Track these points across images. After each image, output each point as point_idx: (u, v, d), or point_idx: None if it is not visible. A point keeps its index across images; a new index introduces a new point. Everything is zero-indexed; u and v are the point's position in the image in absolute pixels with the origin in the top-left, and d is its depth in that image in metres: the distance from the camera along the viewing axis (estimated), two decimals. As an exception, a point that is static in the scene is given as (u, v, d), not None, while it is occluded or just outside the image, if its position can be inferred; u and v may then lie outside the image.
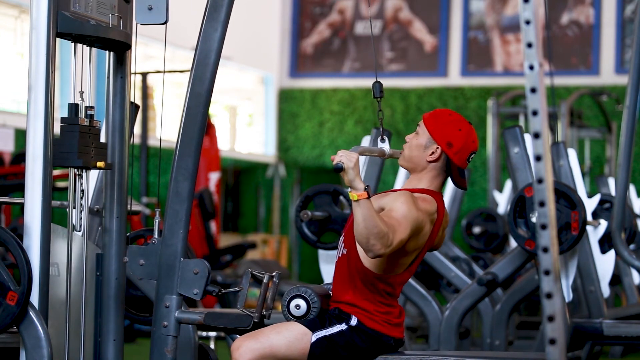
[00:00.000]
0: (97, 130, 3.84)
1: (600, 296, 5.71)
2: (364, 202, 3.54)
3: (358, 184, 3.56)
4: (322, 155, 13.65)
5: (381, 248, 3.55)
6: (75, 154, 3.73)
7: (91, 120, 3.81)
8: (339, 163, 3.57)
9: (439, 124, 3.82)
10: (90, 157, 3.79)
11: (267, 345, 3.67)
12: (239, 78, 13.67)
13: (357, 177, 3.57)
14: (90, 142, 3.79)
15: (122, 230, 4.03)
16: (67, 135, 3.75)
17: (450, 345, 5.44)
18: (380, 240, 3.54)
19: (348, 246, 3.79)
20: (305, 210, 5.25)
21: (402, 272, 3.78)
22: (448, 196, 8.16)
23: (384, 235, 3.54)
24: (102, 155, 3.85)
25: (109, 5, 3.89)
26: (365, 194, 3.55)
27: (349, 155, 3.59)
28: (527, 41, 2.81)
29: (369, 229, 3.53)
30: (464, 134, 3.82)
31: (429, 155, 3.82)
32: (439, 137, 3.80)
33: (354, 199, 3.55)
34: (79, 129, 3.75)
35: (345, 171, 3.57)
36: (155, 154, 9.93)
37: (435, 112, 3.88)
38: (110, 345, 4.00)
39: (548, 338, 2.77)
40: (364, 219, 3.53)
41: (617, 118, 11.40)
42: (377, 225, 3.53)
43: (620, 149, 4.87)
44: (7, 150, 8.91)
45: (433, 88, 13.22)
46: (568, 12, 12.81)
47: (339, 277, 3.81)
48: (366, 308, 3.75)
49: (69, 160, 3.75)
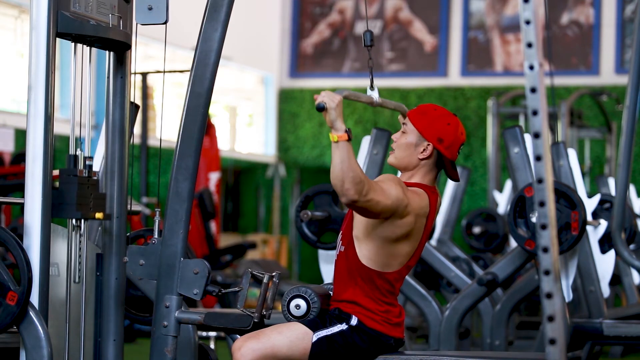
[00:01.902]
0: (95, 181, 3.82)
1: (600, 296, 5.70)
2: (343, 145, 3.53)
3: (339, 125, 3.55)
4: (322, 155, 13.65)
5: (355, 194, 3.52)
6: (74, 206, 3.72)
7: (90, 171, 3.80)
8: (321, 103, 3.55)
9: (427, 120, 3.80)
10: (89, 209, 3.77)
11: (268, 345, 3.67)
12: (239, 78, 13.67)
13: (339, 118, 3.55)
14: (89, 192, 3.77)
15: (122, 230, 4.03)
16: (65, 186, 3.73)
17: (450, 345, 5.44)
18: (355, 185, 3.52)
19: (346, 243, 3.79)
20: (305, 210, 5.25)
21: (400, 268, 3.78)
22: (448, 196, 8.17)
23: (360, 181, 3.52)
24: (101, 206, 3.83)
25: (109, 5, 3.89)
26: (345, 135, 3.54)
27: (332, 95, 3.56)
28: (527, 41, 2.81)
29: (345, 172, 3.52)
30: (453, 127, 3.81)
31: (420, 153, 3.80)
32: (429, 134, 3.79)
33: (334, 140, 3.53)
34: (78, 180, 3.73)
35: (327, 111, 3.55)
36: (155, 154, 9.93)
37: (420, 108, 3.86)
38: (110, 345, 4.00)
39: (548, 338, 2.77)
40: (342, 161, 3.52)
41: (617, 118, 11.39)
42: (354, 169, 3.52)
43: (620, 149, 4.87)
44: (7, 150, 8.91)
45: (433, 88, 13.22)
46: (568, 12, 12.82)
47: (338, 274, 3.81)
48: (366, 306, 3.75)
49: (67, 212, 3.73)
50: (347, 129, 3.55)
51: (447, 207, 8.12)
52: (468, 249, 8.81)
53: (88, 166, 3.80)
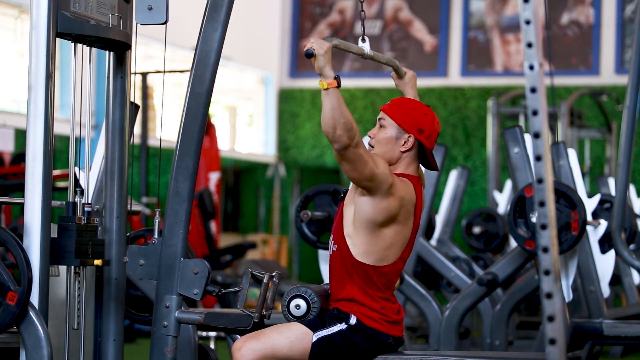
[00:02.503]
0: (94, 227, 3.82)
1: (600, 296, 5.70)
2: (333, 92, 3.54)
3: (328, 72, 3.54)
4: (322, 155, 13.65)
5: (347, 140, 3.53)
6: (73, 254, 3.73)
7: (88, 218, 3.80)
8: (309, 49, 3.53)
9: (404, 112, 3.81)
10: (88, 256, 3.77)
11: (268, 345, 3.67)
12: (239, 78, 13.67)
13: (328, 65, 3.54)
14: (88, 240, 3.78)
15: (122, 230, 4.03)
16: (64, 233, 3.74)
17: (450, 345, 5.44)
18: (348, 132, 3.52)
19: (338, 242, 3.79)
20: (305, 210, 5.25)
21: (394, 260, 3.78)
22: (448, 196, 8.17)
23: (352, 128, 3.53)
24: (100, 252, 3.83)
25: (109, 5, 3.89)
26: (334, 82, 3.54)
27: (321, 42, 3.55)
28: (527, 41, 2.81)
29: (336, 118, 3.53)
30: (430, 117, 3.83)
31: (402, 146, 3.80)
32: (409, 126, 3.80)
33: (324, 87, 3.53)
34: (76, 227, 3.74)
35: (316, 58, 3.54)
36: (155, 154, 9.93)
37: (394, 102, 3.86)
38: (110, 345, 4.00)
39: (548, 338, 2.77)
40: (332, 108, 3.53)
41: (617, 118, 11.39)
42: (346, 116, 3.53)
43: (620, 149, 4.87)
44: (7, 150, 8.91)
45: (433, 88, 13.22)
46: (568, 12, 12.82)
47: (334, 274, 3.81)
48: (365, 303, 3.74)
49: (66, 259, 3.73)
50: (336, 75, 3.55)
51: (447, 207, 8.11)
52: (468, 249, 8.81)
53: (87, 212, 3.81)
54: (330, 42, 3.58)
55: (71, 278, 3.84)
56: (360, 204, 3.69)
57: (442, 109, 13.13)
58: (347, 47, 3.85)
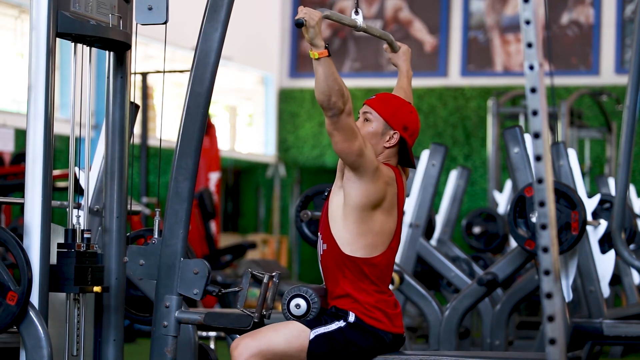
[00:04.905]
0: (93, 253, 3.82)
1: (600, 296, 5.70)
2: (325, 60, 3.56)
3: (318, 42, 3.56)
4: (322, 155, 13.64)
5: (341, 105, 3.57)
6: (72, 281, 3.73)
7: (88, 244, 3.80)
8: (300, 19, 3.55)
9: (392, 108, 3.82)
10: (88, 282, 3.77)
11: (264, 342, 3.67)
12: (239, 78, 13.67)
13: (318, 35, 3.56)
14: (87, 266, 3.77)
15: (122, 230, 4.03)
16: (63, 261, 3.74)
17: (450, 345, 5.44)
18: (342, 97, 3.56)
19: (327, 240, 3.80)
20: (305, 210, 5.25)
21: (384, 250, 3.78)
22: (448, 196, 8.16)
23: (344, 94, 3.57)
24: (99, 279, 3.83)
25: (109, 5, 3.89)
26: (325, 52, 3.56)
27: (312, 12, 3.57)
28: (527, 41, 2.81)
29: (331, 85, 3.55)
30: (415, 115, 3.86)
31: (386, 142, 3.82)
32: (395, 122, 3.81)
33: (315, 57, 3.56)
34: (76, 254, 3.74)
35: (306, 28, 3.56)
36: (155, 154, 9.93)
37: (380, 97, 3.87)
38: (110, 345, 4.00)
39: (548, 338, 2.77)
40: (326, 77, 3.55)
41: (617, 118, 11.40)
42: (339, 83, 3.57)
43: (620, 149, 4.87)
44: (7, 150, 8.91)
45: (433, 88, 13.21)
46: (568, 12, 12.81)
47: (327, 272, 3.82)
48: (360, 299, 3.74)
49: (66, 286, 3.73)
50: (327, 45, 3.57)
51: (447, 207, 8.11)
52: (468, 249, 8.81)
53: (86, 239, 3.80)
54: (322, 13, 3.60)
55: (70, 304, 3.84)
56: (349, 188, 3.70)
57: (442, 109, 13.13)
58: (339, 19, 3.87)
